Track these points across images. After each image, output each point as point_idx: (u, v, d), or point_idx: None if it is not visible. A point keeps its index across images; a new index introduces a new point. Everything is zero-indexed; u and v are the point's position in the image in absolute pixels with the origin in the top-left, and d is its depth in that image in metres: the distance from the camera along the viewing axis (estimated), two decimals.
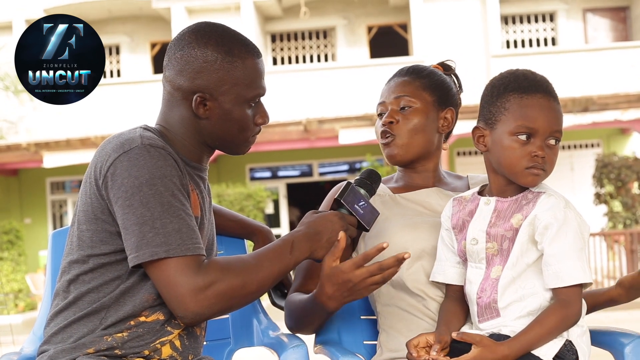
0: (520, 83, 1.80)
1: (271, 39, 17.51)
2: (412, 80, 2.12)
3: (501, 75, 1.85)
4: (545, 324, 1.71)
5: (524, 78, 1.81)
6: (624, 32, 16.87)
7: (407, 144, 2.08)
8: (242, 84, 1.78)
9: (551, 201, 1.77)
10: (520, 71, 1.84)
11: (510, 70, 1.86)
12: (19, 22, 16.18)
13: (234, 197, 13.75)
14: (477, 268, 1.83)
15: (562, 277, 1.72)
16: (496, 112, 1.81)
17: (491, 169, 1.86)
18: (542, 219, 1.75)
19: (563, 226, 1.74)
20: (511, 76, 1.83)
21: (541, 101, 1.78)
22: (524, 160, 1.77)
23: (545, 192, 1.80)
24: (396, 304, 2.02)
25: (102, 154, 1.72)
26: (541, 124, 1.76)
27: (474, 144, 1.88)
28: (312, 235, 1.78)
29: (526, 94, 1.78)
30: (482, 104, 1.87)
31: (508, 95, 1.80)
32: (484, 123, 1.85)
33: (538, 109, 1.77)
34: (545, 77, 1.84)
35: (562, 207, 1.76)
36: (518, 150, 1.77)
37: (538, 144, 1.77)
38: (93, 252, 1.72)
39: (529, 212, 1.77)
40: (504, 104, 1.80)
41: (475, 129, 1.87)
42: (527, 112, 1.77)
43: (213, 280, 1.65)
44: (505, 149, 1.79)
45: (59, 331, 1.73)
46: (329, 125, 13.87)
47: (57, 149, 14.12)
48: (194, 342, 1.83)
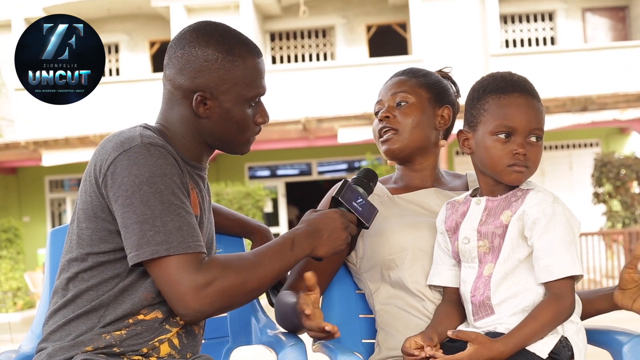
0: (497, 84, 1.85)
1: (270, 37, 17.49)
2: (408, 78, 2.15)
3: (481, 78, 1.91)
4: (539, 319, 1.73)
5: (502, 79, 1.86)
6: (623, 32, 16.87)
7: (404, 139, 2.10)
8: (243, 84, 1.78)
9: (539, 197, 1.80)
10: (499, 73, 1.89)
11: (490, 73, 1.91)
12: (18, 21, 16.15)
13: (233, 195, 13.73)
14: (470, 267, 1.86)
15: (552, 271, 1.74)
16: (477, 115, 1.86)
17: (479, 170, 1.90)
18: (531, 214, 1.78)
19: (551, 220, 1.76)
20: (490, 78, 1.88)
21: (519, 100, 1.82)
22: (506, 158, 1.80)
23: (534, 189, 1.83)
24: (394, 303, 2.03)
25: (102, 152, 1.72)
26: (519, 122, 1.80)
27: (459, 148, 1.90)
28: (313, 233, 1.78)
29: (504, 94, 1.83)
30: (465, 108, 1.92)
31: (487, 97, 1.84)
32: (467, 126, 1.89)
33: (515, 107, 1.81)
34: (524, 78, 1.88)
35: (550, 202, 1.79)
36: (499, 149, 1.81)
37: (519, 142, 1.80)
38: (92, 250, 1.72)
39: (518, 208, 1.80)
40: (483, 106, 1.84)
41: (459, 133, 1.91)
42: (505, 112, 1.81)
43: (214, 278, 1.65)
44: (487, 149, 1.83)
45: (58, 329, 1.74)
46: (328, 124, 13.86)
47: (56, 147, 14.10)
48: (193, 341, 1.83)
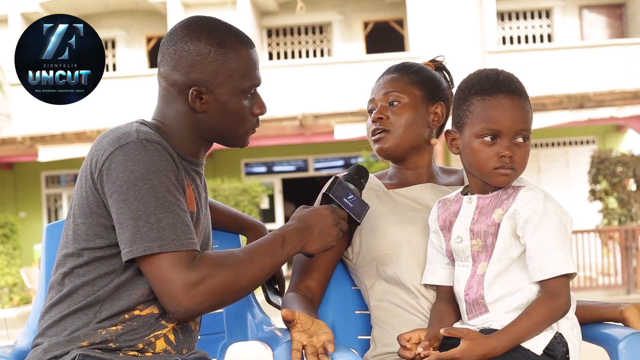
0: (482, 85, 1.81)
1: (267, 33, 17.47)
2: (400, 76, 2.13)
3: (468, 77, 1.87)
4: (533, 316, 1.72)
5: (487, 79, 1.82)
6: (620, 29, 16.88)
7: (397, 138, 2.09)
8: (237, 75, 1.78)
9: (530, 195, 1.79)
10: (484, 72, 1.85)
11: (476, 72, 1.87)
12: (15, 16, 16.12)
13: (229, 192, 13.72)
14: (464, 266, 1.85)
15: (545, 269, 1.74)
16: (463, 116, 1.84)
17: (468, 170, 1.89)
18: (522, 213, 1.77)
19: (543, 219, 1.75)
20: (475, 78, 1.85)
21: (503, 101, 1.79)
22: (491, 161, 1.79)
23: (525, 187, 1.81)
24: (389, 299, 2.03)
25: (98, 147, 1.72)
26: (504, 125, 1.77)
27: (448, 147, 1.89)
28: (304, 229, 1.78)
29: (488, 96, 1.80)
30: (452, 107, 1.89)
31: (472, 98, 1.82)
32: (455, 126, 1.87)
33: (500, 109, 1.78)
34: (511, 76, 1.84)
35: (542, 200, 1.78)
36: (485, 151, 1.79)
37: (504, 144, 1.78)
38: (88, 245, 1.72)
39: (509, 206, 1.79)
40: (468, 107, 1.82)
41: (447, 133, 1.90)
42: (489, 114, 1.79)
43: (205, 276, 1.65)
44: (473, 152, 1.81)
45: (54, 324, 1.74)
46: (325, 120, 13.85)
47: (52, 143, 14.08)
48: (189, 337, 1.83)
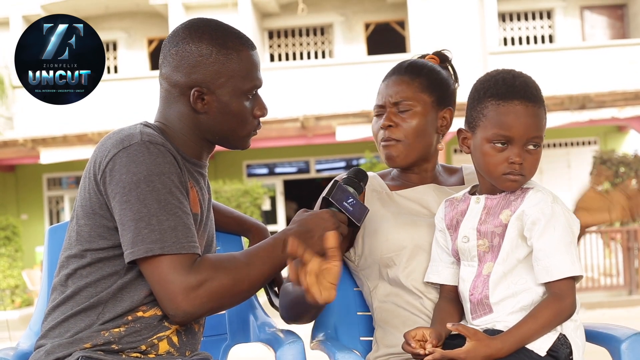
0: (498, 89, 1.79)
1: (268, 35, 17.48)
2: (410, 80, 2.06)
3: (485, 77, 1.85)
4: (539, 318, 1.72)
5: (503, 83, 1.80)
6: (621, 30, 16.87)
7: (407, 148, 2.05)
8: (239, 76, 1.78)
9: (538, 196, 1.79)
10: (501, 75, 1.82)
11: (493, 73, 1.85)
12: (16, 18, 16.13)
13: (231, 193, 13.73)
14: (470, 266, 1.85)
15: (551, 271, 1.74)
16: (476, 117, 1.82)
17: (477, 170, 1.88)
18: (530, 214, 1.76)
19: (551, 221, 1.75)
20: (491, 80, 1.82)
21: (518, 108, 1.77)
22: (501, 167, 1.78)
23: (533, 188, 1.81)
24: (392, 301, 2.02)
25: (102, 149, 1.72)
26: (517, 132, 1.76)
27: (459, 145, 1.89)
28: (304, 233, 1.78)
29: (503, 101, 1.78)
30: (467, 106, 1.87)
31: (486, 101, 1.80)
32: (467, 126, 1.86)
33: (514, 117, 1.76)
34: (527, 81, 1.81)
35: (550, 202, 1.78)
36: (495, 156, 1.78)
37: (515, 151, 1.77)
38: (91, 246, 1.72)
39: (517, 207, 1.79)
40: (482, 110, 1.81)
41: (459, 131, 1.88)
42: (502, 120, 1.77)
43: (205, 279, 1.65)
44: (483, 155, 1.80)
45: (56, 326, 1.74)
46: (326, 122, 13.86)
47: (54, 145, 14.09)
48: (192, 338, 1.83)
